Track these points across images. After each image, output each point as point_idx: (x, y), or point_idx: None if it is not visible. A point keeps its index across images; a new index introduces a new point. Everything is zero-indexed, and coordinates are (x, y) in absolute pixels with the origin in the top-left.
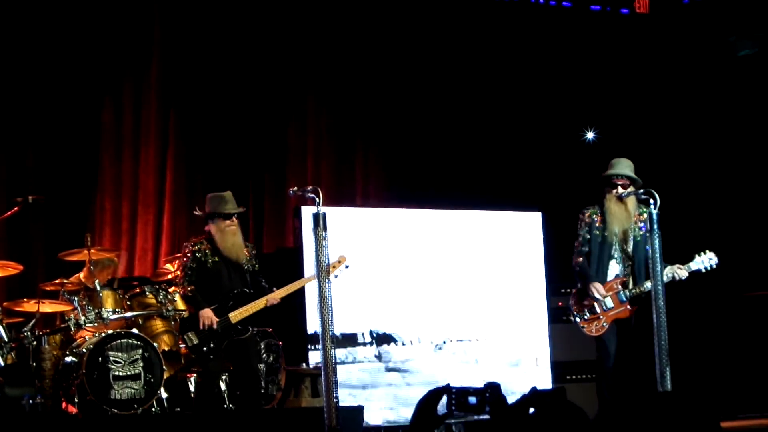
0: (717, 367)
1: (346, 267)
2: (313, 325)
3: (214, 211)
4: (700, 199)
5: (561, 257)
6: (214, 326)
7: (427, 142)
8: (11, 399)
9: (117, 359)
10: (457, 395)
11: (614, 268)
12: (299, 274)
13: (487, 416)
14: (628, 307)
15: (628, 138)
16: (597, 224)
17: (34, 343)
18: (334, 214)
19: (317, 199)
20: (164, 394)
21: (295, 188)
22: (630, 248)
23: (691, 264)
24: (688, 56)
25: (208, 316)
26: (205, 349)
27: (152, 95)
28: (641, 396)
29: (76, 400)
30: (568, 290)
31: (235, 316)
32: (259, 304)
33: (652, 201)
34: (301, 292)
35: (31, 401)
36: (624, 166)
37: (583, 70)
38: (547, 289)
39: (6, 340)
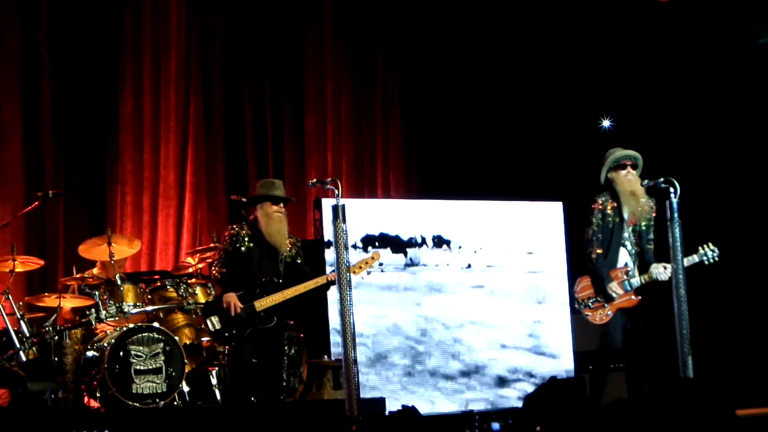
0: (739, 355)
1: (380, 264)
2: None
3: (264, 194)
4: (718, 189)
5: (582, 247)
6: (237, 311)
7: (448, 134)
8: (33, 394)
9: (138, 353)
10: (480, 421)
11: (623, 255)
12: (321, 266)
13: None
14: (633, 296)
15: (646, 127)
16: (609, 211)
17: (56, 337)
18: (355, 206)
19: (336, 191)
20: (186, 388)
21: (315, 180)
22: (638, 235)
23: (694, 256)
24: (707, 44)
25: (231, 300)
26: (226, 335)
27: (172, 87)
28: (659, 384)
29: (97, 394)
30: None
31: (261, 304)
32: (288, 293)
33: (672, 189)
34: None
35: (53, 396)
36: (622, 150)
37: (602, 58)
38: (568, 279)
39: (28, 335)
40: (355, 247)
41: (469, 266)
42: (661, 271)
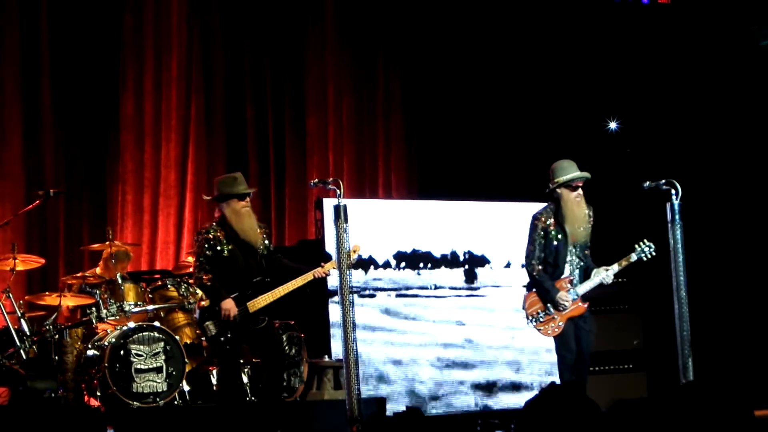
0: (750, 356)
1: (359, 257)
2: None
3: (228, 192)
4: (721, 189)
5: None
6: (237, 318)
7: (449, 135)
8: (34, 392)
9: (139, 352)
10: (482, 425)
11: (567, 269)
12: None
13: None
14: (581, 303)
15: (647, 129)
16: (552, 229)
17: (56, 336)
18: (356, 206)
19: (338, 191)
20: (186, 387)
21: (316, 180)
22: (580, 249)
23: (633, 255)
24: (709, 46)
25: (229, 307)
26: (222, 339)
27: (173, 86)
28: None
29: (98, 393)
30: None
31: (253, 305)
32: (279, 291)
33: (673, 191)
34: (323, 284)
35: (53, 394)
36: (578, 169)
37: (605, 61)
38: None
39: (28, 333)
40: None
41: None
42: (603, 275)
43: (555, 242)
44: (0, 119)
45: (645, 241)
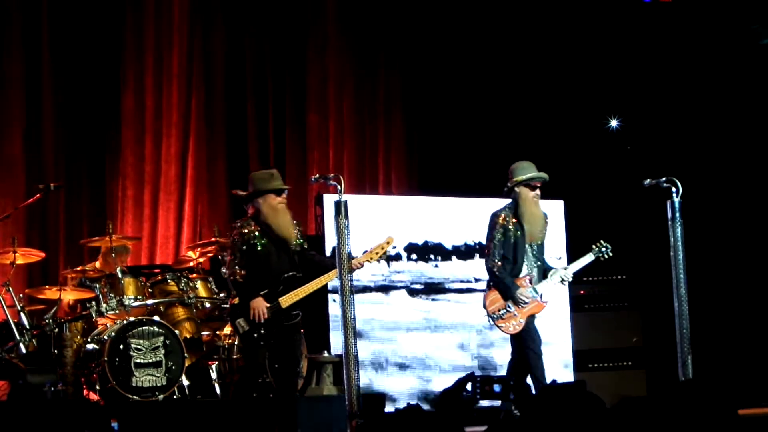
0: (741, 355)
1: (394, 248)
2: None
3: (266, 188)
4: (722, 187)
5: (582, 246)
6: (264, 317)
7: (449, 132)
8: (33, 386)
9: (138, 346)
10: (482, 383)
11: (525, 268)
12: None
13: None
14: (540, 301)
15: (648, 126)
16: (510, 226)
17: (56, 330)
18: (356, 202)
19: (339, 187)
20: (186, 382)
21: (317, 176)
22: (537, 249)
23: (590, 254)
24: (710, 44)
25: (259, 306)
26: (255, 335)
27: (174, 82)
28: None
29: (97, 387)
30: (590, 278)
31: (285, 300)
32: (310, 287)
33: (674, 189)
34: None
35: (52, 388)
36: (536, 169)
37: (605, 59)
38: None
39: (28, 327)
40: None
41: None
42: (563, 273)
43: (513, 239)
44: (2, 115)
45: (602, 242)
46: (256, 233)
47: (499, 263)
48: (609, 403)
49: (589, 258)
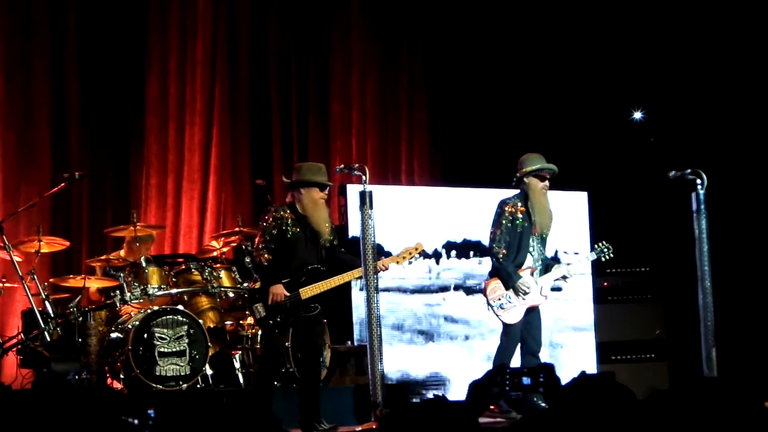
0: (765, 348)
1: (420, 255)
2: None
3: (312, 180)
4: (747, 179)
5: (606, 237)
6: (285, 302)
7: (472, 121)
8: (57, 374)
9: (162, 336)
10: (512, 375)
11: (529, 260)
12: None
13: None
14: (541, 294)
15: (673, 118)
16: (519, 215)
17: (80, 318)
18: (379, 193)
19: (364, 177)
20: (209, 371)
21: (342, 166)
22: (542, 242)
23: (593, 253)
24: (736, 33)
25: (278, 292)
26: (271, 322)
27: (198, 70)
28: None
29: (121, 376)
30: (614, 270)
31: (306, 292)
32: (333, 282)
33: (699, 181)
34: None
35: (76, 377)
36: (545, 161)
37: (630, 49)
38: (592, 269)
39: (52, 315)
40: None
41: None
42: (566, 269)
43: (520, 229)
44: (28, 103)
45: (604, 242)
46: (289, 220)
47: (504, 251)
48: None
49: (591, 257)
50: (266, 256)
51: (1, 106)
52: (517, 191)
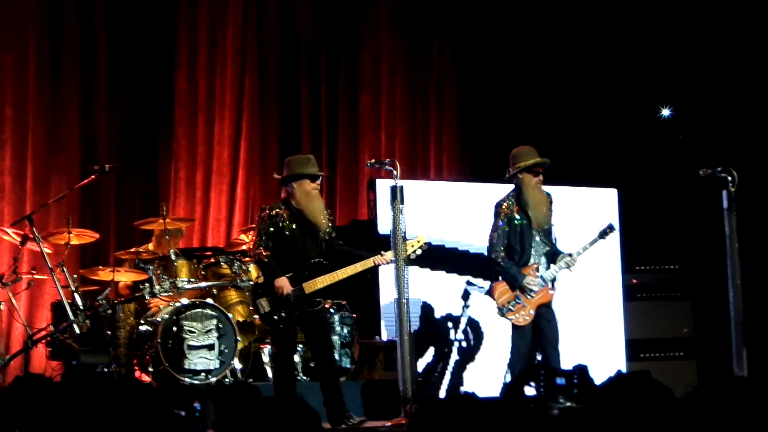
0: None
1: (426, 244)
2: (387, 298)
3: (301, 172)
4: None
5: (636, 234)
6: (290, 297)
7: (502, 116)
8: (87, 366)
9: (191, 329)
10: (546, 376)
11: (532, 256)
12: (373, 246)
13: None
14: (549, 290)
15: (704, 116)
16: (515, 214)
17: (109, 311)
18: (408, 187)
19: (395, 172)
20: (238, 365)
21: (373, 161)
22: (544, 234)
23: (594, 236)
24: (766, 31)
25: (283, 285)
26: (275, 317)
27: (228, 63)
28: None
29: (150, 368)
30: (644, 267)
31: (309, 286)
32: (336, 275)
33: (730, 179)
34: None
35: (105, 369)
36: (538, 155)
37: (659, 46)
38: (622, 266)
39: (82, 307)
40: None
41: None
42: (569, 259)
43: (519, 228)
44: (58, 96)
45: (605, 222)
46: (285, 217)
47: (503, 253)
48: None
49: (593, 238)
50: (264, 252)
51: (31, 99)
52: (511, 188)
